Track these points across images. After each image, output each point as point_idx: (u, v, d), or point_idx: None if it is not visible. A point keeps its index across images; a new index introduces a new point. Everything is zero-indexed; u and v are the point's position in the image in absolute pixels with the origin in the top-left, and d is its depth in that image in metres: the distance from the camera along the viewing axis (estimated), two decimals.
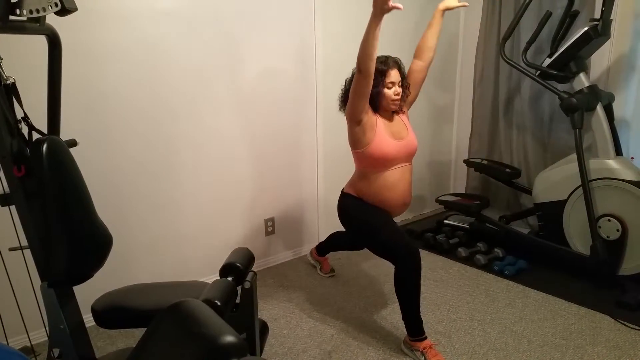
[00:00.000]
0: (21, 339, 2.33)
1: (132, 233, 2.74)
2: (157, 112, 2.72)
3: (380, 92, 2.31)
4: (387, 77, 2.29)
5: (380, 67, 2.28)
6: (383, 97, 2.32)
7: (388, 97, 2.32)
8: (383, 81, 2.29)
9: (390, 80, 2.30)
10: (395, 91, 2.32)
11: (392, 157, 2.35)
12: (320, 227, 3.70)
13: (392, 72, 2.30)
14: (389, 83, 2.30)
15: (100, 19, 2.43)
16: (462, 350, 2.40)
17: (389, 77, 2.29)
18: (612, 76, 3.38)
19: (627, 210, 2.87)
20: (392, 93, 2.31)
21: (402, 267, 2.27)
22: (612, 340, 2.44)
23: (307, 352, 2.41)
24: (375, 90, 2.29)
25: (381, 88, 2.30)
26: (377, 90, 2.30)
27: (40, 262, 1.39)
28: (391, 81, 2.30)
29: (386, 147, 2.32)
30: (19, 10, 1.20)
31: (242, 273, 1.56)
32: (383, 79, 2.29)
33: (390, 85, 2.30)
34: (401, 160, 2.40)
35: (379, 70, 2.26)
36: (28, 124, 1.40)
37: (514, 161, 4.00)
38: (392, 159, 2.36)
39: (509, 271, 3.19)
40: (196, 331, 0.97)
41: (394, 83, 2.31)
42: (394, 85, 2.31)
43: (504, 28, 3.80)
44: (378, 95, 2.32)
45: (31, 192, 1.33)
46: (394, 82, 2.31)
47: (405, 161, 2.43)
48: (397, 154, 2.36)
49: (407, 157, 2.44)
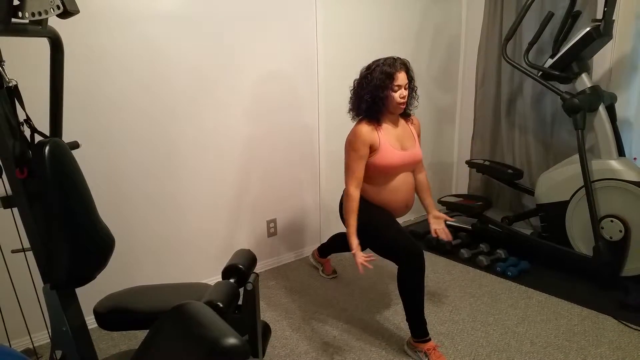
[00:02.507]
0: (24, 340, 2.33)
1: (134, 235, 2.74)
2: (159, 114, 2.72)
3: (388, 96, 2.29)
4: (394, 80, 2.27)
5: (388, 70, 2.26)
6: (389, 101, 2.31)
7: (394, 101, 2.30)
8: (391, 84, 2.27)
9: (397, 84, 2.28)
10: (401, 94, 2.30)
11: (397, 167, 2.36)
12: (323, 228, 3.70)
13: (400, 75, 2.28)
14: (395, 86, 2.28)
15: (102, 21, 2.43)
16: (465, 351, 2.39)
17: (396, 80, 2.27)
18: (614, 77, 3.38)
19: (630, 211, 2.87)
20: (398, 96, 2.29)
21: (406, 267, 2.27)
22: (615, 342, 2.43)
23: (309, 354, 2.41)
24: (383, 94, 2.28)
25: (388, 92, 2.28)
26: (385, 95, 2.28)
27: (42, 264, 1.39)
28: (398, 84, 2.28)
29: (390, 159, 2.32)
30: (21, 12, 1.20)
31: (244, 275, 1.55)
32: (391, 82, 2.27)
33: (397, 88, 2.28)
34: (404, 170, 2.41)
35: (386, 72, 2.26)
36: (30, 127, 1.40)
37: (516, 162, 3.99)
38: (397, 168, 2.37)
39: (512, 272, 3.18)
40: (198, 333, 0.97)
41: (400, 86, 2.29)
42: (400, 88, 2.29)
43: (505, 29, 3.80)
44: (385, 100, 2.30)
45: (33, 194, 1.33)
46: (401, 85, 2.29)
47: (408, 170, 2.44)
48: (401, 164, 2.36)
49: (410, 167, 2.44)
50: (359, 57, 2.42)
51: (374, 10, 3.61)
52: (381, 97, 2.29)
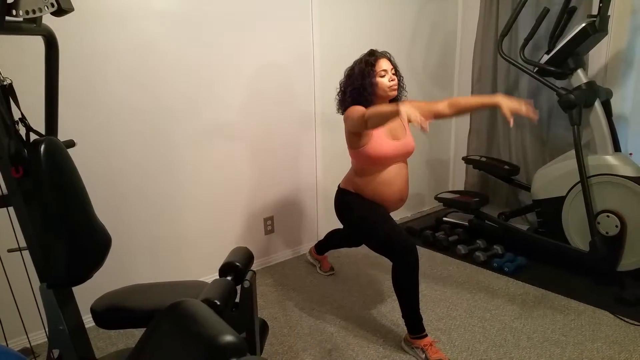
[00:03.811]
0: (21, 340, 2.32)
1: (131, 233, 2.74)
2: (155, 112, 2.71)
3: (374, 83, 2.29)
4: (376, 65, 2.28)
5: (368, 59, 2.29)
6: (378, 87, 2.30)
7: (384, 85, 2.29)
8: (373, 71, 2.28)
9: (382, 68, 2.28)
10: (390, 78, 2.30)
11: (389, 157, 2.35)
12: (320, 225, 3.70)
13: (381, 61, 2.29)
14: (381, 71, 2.28)
15: (97, 19, 2.42)
16: (462, 347, 2.40)
17: (379, 65, 2.28)
18: (610, 72, 3.39)
19: (626, 206, 2.88)
20: (387, 80, 2.29)
21: (399, 263, 2.27)
22: (612, 336, 2.45)
23: (307, 351, 2.41)
24: (368, 81, 2.28)
25: (373, 78, 2.28)
26: (370, 81, 2.28)
27: (39, 263, 1.38)
28: (383, 69, 2.28)
29: (383, 148, 2.31)
30: (15, 10, 1.19)
31: (241, 272, 1.55)
32: (373, 69, 2.28)
33: (383, 72, 2.28)
34: (398, 160, 2.40)
35: (367, 61, 2.28)
36: (25, 125, 1.39)
37: (512, 158, 4.00)
38: (389, 159, 2.36)
39: (508, 268, 3.19)
40: (195, 331, 0.97)
41: (386, 71, 2.29)
42: (387, 73, 2.29)
43: (501, 25, 3.80)
44: (372, 87, 2.29)
45: (29, 193, 1.32)
46: (386, 70, 2.29)
47: (402, 161, 2.43)
48: (394, 154, 2.35)
49: (404, 157, 2.43)
50: (355, 53, 2.42)
51: (370, 6, 3.61)
52: (366, 84, 2.28)
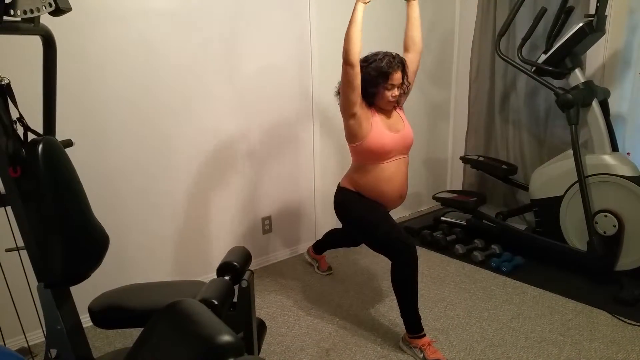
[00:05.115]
0: (18, 339, 2.32)
1: (128, 233, 2.73)
2: (153, 111, 2.71)
3: (378, 93, 2.31)
4: (390, 79, 2.27)
5: (385, 70, 2.25)
6: (380, 98, 2.33)
7: (385, 99, 2.32)
8: (385, 83, 2.28)
9: (392, 83, 2.28)
10: (393, 94, 2.31)
11: (390, 149, 2.35)
12: (318, 225, 3.70)
13: (396, 75, 2.28)
14: (389, 85, 2.28)
15: (95, 18, 2.42)
16: (460, 347, 2.41)
17: (392, 79, 2.28)
18: (607, 72, 3.39)
19: (624, 206, 2.88)
20: (390, 95, 2.31)
21: (398, 262, 2.28)
22: (610, 336, 2.45)
23: (305, 351, 2.41)
24: (374, 90, 2.30)
25: (381, 89, 2.29)
26: (376, 91, 2.30)
27: (36, 263, 1.38)
28: (392, 83, 2.29)
29: (383, 139, 2.32)
30: (12, 10, 1.19)
31: (239, 272, 1.56)
32: (385, 81, 2.27)
33: (390, 87, 2.29)
34: (398, 152, 2.40)
35: (382, 72, 2.25)
36: (23, 125, 1.39)
37: (510, 158, 4.01)
38: (389, 151, 2.36)
39: (506, 268, 3.19)
40: (193, 331, 0.98)
41: (394, 85, 2.30)
42: (393, 88, 2.30)
43: (499, 24, 3.80)
44: (375, 95, 2.32)
45: (27, 193, 1.32)
46: (395, 85, 2.30)
47: (401, 153, 2.43)
48: (394, 145, 2.35)
49: (404, 149, 2.43)
50: None
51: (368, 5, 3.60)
52: (371, 92, 2.30)
